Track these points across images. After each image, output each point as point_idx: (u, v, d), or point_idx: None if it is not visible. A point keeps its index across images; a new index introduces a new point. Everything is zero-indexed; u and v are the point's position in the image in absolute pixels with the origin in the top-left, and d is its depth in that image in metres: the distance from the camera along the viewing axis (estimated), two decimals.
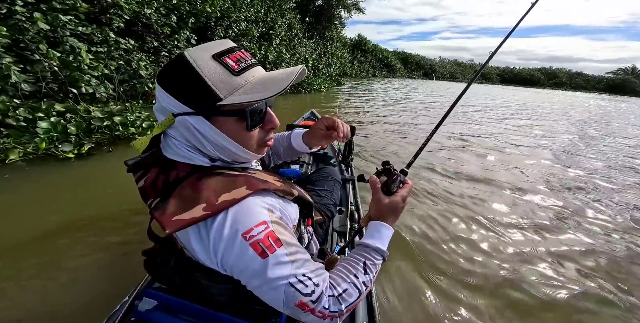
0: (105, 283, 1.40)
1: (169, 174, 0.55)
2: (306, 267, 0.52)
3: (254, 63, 0.55)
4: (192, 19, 7.60)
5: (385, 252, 0.63)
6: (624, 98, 50.66)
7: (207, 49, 0.51)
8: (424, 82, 36.80)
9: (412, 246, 1.90)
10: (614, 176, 3.70)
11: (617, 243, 2.18)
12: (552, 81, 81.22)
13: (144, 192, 0.57)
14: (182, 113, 0.52)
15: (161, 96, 0.53)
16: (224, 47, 0.53)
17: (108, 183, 2.36)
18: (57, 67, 3.43)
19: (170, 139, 0.56)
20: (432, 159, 3.67)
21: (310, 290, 0.50)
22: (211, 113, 0.52)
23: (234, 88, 0.51)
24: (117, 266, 1.52)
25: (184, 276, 0.61)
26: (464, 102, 11.60)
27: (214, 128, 0.53)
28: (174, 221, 0.47)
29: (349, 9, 23.95)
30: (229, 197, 0.50)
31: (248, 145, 0.57)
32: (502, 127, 6.65)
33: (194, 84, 0.49)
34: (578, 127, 8.04)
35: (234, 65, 0.51)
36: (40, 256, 1.55)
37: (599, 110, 16.47)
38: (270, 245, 0.49)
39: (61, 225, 1.79)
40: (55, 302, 1.29)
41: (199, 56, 0.50)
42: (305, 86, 10.83)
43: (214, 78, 0.49)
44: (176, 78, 0.50)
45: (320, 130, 0.82)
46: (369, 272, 0.58)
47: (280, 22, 12.67)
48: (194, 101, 0.50)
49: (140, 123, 3.38)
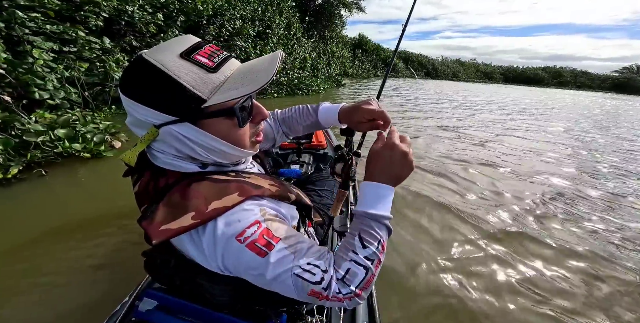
0: (105, 284, 1.40)
1: (158, 180, 0.52)
2: (309, 255, 0.50)
3: (227, 56, 0.51)
4: (182, 17, 7.18)
5: (380, 216, 0.55)
6: (631, 97, 49.98)
7: (169, 49, 0.46)
8: (425, 82, 36.26)
9: (413, 245, 1.88)
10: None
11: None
12: (557, 80, 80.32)
13: (138, 197, 0.55)
14: (165, 123, 0.47)
15: (134, 108, 0.47)
16: (189, 43, 0.48)
17: (34, 221, 1.91)
18: (5, 70, 2.95)
19: (154, 150, 0.53)
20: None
21: (319, 277, 0.48)
22: (198, 117, 0.47)
23: (215, 86, 0.47)
24: (117, 267, 1.51)
25: (183, 277, 0.60)
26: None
27: (203, 132, 0.49)
28: (161, 231, 0.45)
29: (349, 8, 23.62)
30: (220, 204, 0.48)
31: (242, 143, 0.55)
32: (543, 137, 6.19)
33: (170, 90, 0.44)
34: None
35: (208, 61, 0.47)
36: (41, 257, 1.54)
37: (618, 110, 16.28)
38: (268, 243, 0.47)
39: (57, 229, 1.76)
40: (56, 303, 1.29)
41: (165, 58, 0.45)
42: (302, 87, 10.27)
43: (191, 79, 0.45)
44: (147, 86, 0.45)
45: (365, 117, 0.72)
46: (369, 244, 0.53)
47: (279, 20, 12.26)
48: (175, 108, 0.46)
49: (92, 137, 2.84)
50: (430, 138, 4.88)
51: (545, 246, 2.02)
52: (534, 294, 1.57)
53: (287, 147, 2.06)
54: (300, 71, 12.25)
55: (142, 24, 5.65)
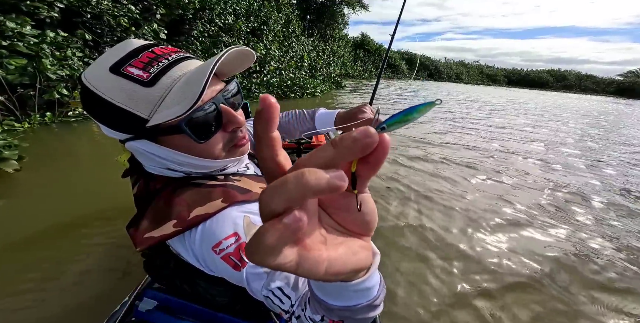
0: (105, 284, 1.39)
1: (149, 185, 0.53)
2: (282, 280, 0.44)
3: (175, 60, 0.45)
4: (162, 10, 6.47)
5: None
6: (636, 101, 49.04)
7: (102, 63, 0.43)
8: (429, 84, 35.44)
9: (414, 244, 1.93)
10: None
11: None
12: (561, 83, 79.33)
13: (136, 199, 0.56)
14: (125, 139, 0.47)
15: (98, 125, 0.47)
16: (122, 53, 0.43)
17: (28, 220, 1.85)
18: None
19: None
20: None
21: (287, 306, 0.43)
22: (151, 134, 0.45)
23: (154, 103, 0.42)
24: (117, 266, 1.49)
25: (183, 277, 0.59)
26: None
27: (164, 148, 0.47)
28: (145, 238, 0.45)
29: (352, 6, 22.95)
30: (203, 211, 0.46)
31: (213, 155, 0.50)
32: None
33: (109, 111, 0.42)
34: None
35: (142, 73, 0.42)
36: (41, 258, 1.54)
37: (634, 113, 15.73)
38: (242, 258, 0.44)
39: (59, 227, 1.78)
40: (56, 303, 1.29)
41: (96, 76, 0.42)
42: (296, 90, 9.17)
43: (123, 98, 0.41)
44: (91, 108, 0.45)
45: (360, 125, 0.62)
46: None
47: (275, 17, 11.54)
48: (125, 127, 0.45)
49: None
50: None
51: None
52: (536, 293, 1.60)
53: (287, 147, 2.05)
54: (296, 71, 11.51)
55: (110, 16, 4.93)
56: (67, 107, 3.67)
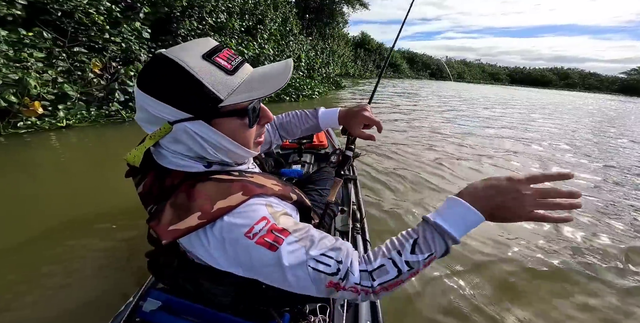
0: (109, 285, 1.39)
1: (163, 180, 0.54)
2: (321, 246, 0.49)
3: (242, 60, 0.53)
4: (146, 8, 6.00)
5: (450, 235, 0.49)
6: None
7: (191, 50, 0.48)
8: (433, 83, 34.88)
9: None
10: None
11: None
12: (564, 82, 78.36)
13: (143, 198, 0.57)
14: (179, 120, 0.48)
15: (149, 104, 0.48)
16: (210, 46, 0.50)
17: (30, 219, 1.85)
18: None
19: (162, 148, 0.54)
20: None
21: (334, 268, 0.47)
22: (212, 116, 0.49)
23: (232, 88, 0.49)
24: (122, 267, 1.50)
25: (187, 278, 0.61)
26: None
27: (215, 130, 0.50)
28: (170, 231, 0.46)
29: (352, 4, 22.47)
30: (225, 204, 0.48)
31: (248, 143, 0.56)
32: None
33: (190, 88, 0.46)
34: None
35: (227, 64, 0.49)
36: (44, 257, 1.54)
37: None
38: (277, 237, 0.47)
39: (65, 226, 1.78)
40: (61, 303, 1.28)
41: (187, 58, 0.46)
42: (290, 91, 8.38)
43: (211, 80, 0.47)
44: (167, 83, 0.46)
45: (363, 122, 0.80)
46: (419, 253, 0.48)
47: (272, 15, 11.06)
48: (192, 106, 0.47)
49: None
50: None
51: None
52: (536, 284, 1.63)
53: (289, 147, 2.03)
54: (293, 71, 11.03)
55: (81, 13, 4.46)
56: (17, 117, 3.19)
